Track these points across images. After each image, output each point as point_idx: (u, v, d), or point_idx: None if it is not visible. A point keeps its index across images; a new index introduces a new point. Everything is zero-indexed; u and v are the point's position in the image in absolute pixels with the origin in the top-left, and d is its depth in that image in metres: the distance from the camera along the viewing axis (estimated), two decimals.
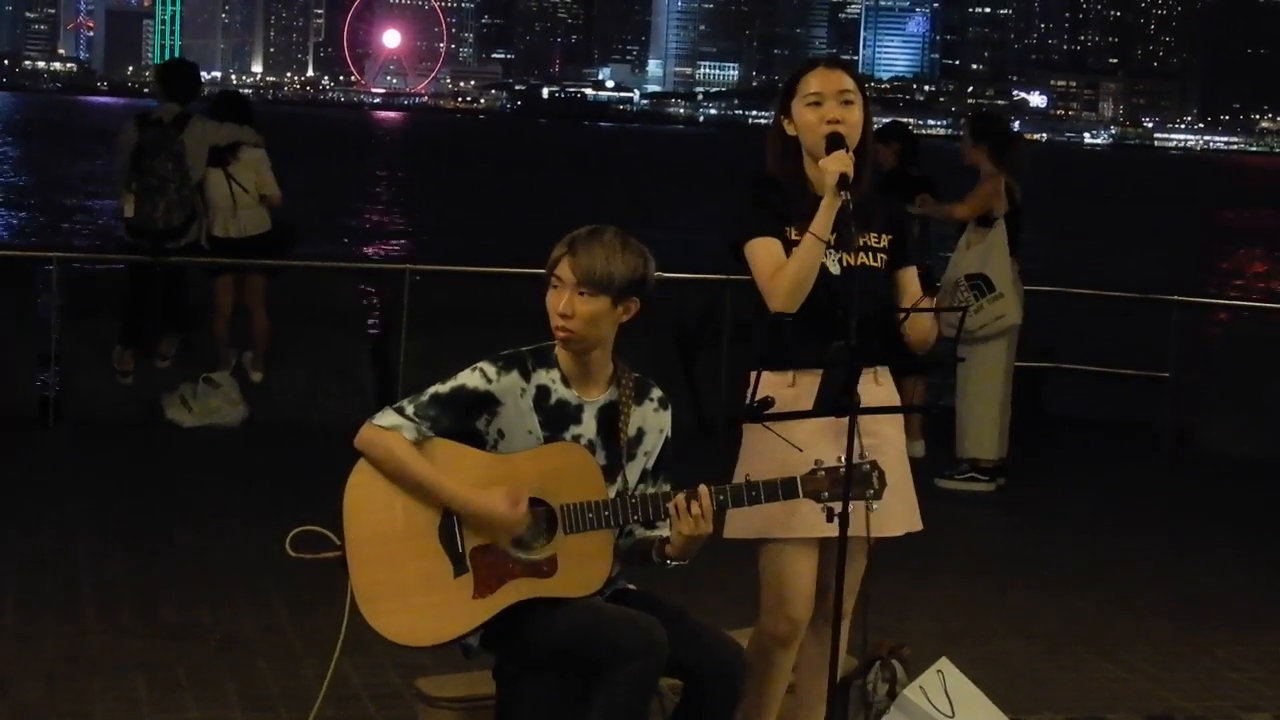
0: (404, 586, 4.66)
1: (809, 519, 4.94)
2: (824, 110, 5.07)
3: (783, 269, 5.02)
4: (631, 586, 4.94)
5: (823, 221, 4.96)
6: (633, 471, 4.85)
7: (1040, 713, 6.66)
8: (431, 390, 4.73)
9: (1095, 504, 10.85)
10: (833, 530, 4.79)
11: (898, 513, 5.11)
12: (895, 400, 5.28)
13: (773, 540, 5.11)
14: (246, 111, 12.30)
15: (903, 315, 5.05)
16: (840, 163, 4.95)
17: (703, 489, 4.65)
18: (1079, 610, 8.21)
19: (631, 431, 4.84)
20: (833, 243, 5.02)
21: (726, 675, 4.70)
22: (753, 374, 4.85)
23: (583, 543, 4.67)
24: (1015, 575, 8.88)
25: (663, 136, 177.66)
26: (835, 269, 5.06)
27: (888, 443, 5.13)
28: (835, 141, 5.01)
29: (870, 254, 5.14)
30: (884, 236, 5.19)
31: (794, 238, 5.05)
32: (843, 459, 4.70)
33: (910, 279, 5.24)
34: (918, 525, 5.26)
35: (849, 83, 5.11)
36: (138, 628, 7.17)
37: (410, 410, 4.70)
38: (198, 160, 11.72)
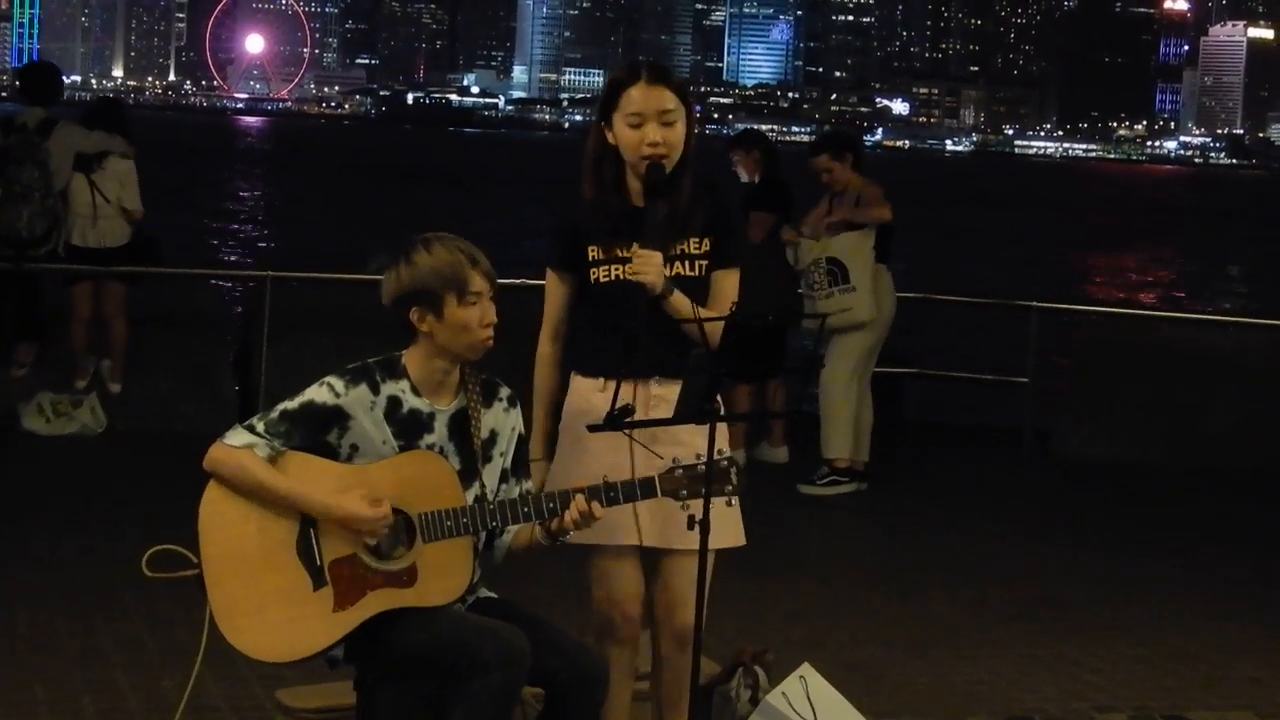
0: (262, 602, 4.62)
1: (630, 526, 5.02)
2: (645, 132, 4.99)
3: (539, 366, 5.20)
4: (493, 595, 4.93)
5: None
6: (490, 475, 4.85)
7: (901, 716, 6.71)
8: (281, 407, 4.70)
9: (954, 508, 10.95)
10: (649, 539, 5.02)
11: (721, 526, 4.89)
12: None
13: (598, 546, 5.09)
14: (121, 121, 12.12)
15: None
16: (651, 272, 4.93)
17: (580, 498, 4.67)
18: (938, 614, 8.29)
19: (484, 434, 4.84)
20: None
21: (588, 682, 4.71)
22: (598, 380, 5.04)
23: (442, 551, 4.65)
24: (876, 580, 8.95)
25: (527, 143, 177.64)
26: None
27: (695, 453, 4.89)
28: (655, 172, 4.97)
29: (687, 262, 5.08)
30: (704, 241, 5.11)
31: (596, 257, 5.05)
32: (678, 460, 4.76)
33: (724, 282, 5.13)
34: (740, 540, 5.16)
35: (670, 100, 5.01)
36: None
37: (261, 427, 4.67)
38: (62, 167, 11.57)
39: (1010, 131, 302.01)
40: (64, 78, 12.46)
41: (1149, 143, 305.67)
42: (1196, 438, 12.56)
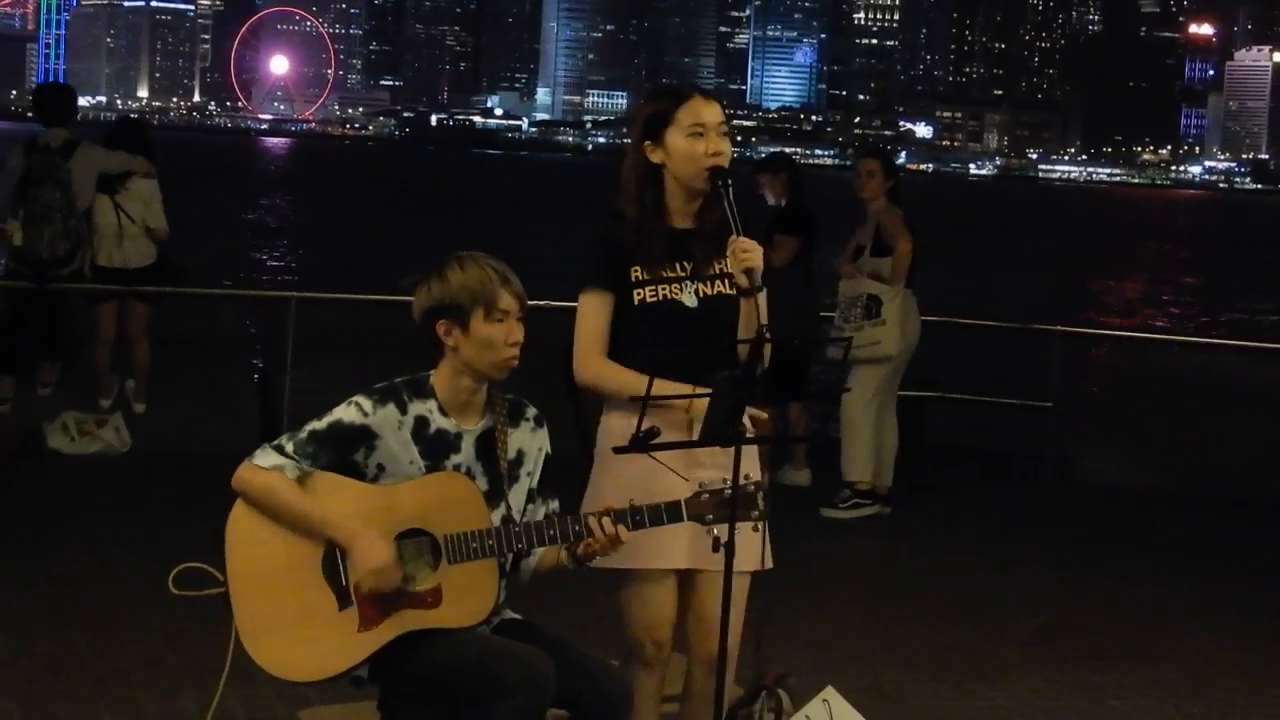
0: (287, 620, 4.63)
1: (666, 550, 5.02)
2: (709, 143, 5.08)
3: (602, 372, 5.08)
4: (516, 616, 4.93)
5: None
6: (516, 495, 4.85)
7: None
8: (309, 427, 4.70)
9: (977, 533, 10.93)
10: (685, 562, 5.01)
11: (747, 550, 4.91)
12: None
13: (631, 570, 5.09)
14: (143, 141, 12.15)
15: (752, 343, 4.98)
16: (756, 256, 4.96)
17: (606, 521, 4.66)
18: (962, 638, 8.27)
19: (511, 454, 4.84)
20: (688, 273, 5.08)
21: (610, 704, 4.71)
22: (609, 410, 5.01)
23: (467, 573, 4.66)
24: (899, 604, 8.93)
25: (551, 165, 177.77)
26: (691, 301, 5.08)
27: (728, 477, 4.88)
28: (720, 175, 5.04)
29: (726, 280, 5.12)
30: None
31: (640, 277, 5.06)
32: (705, 485, 4.75)
33: (752, 304, 5.13)
34: (767, 563, 5.17)
35: (722, 115, 5.16)
36: (14, 659, 7.06)
37: (290, 448, 4.67)
38: (84, 188, 11.60)
39: (1034, 156, 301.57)
40: (88, 98, 12.54)
41: (1173, 167, 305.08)
42: (1218, 465, 12.52)
